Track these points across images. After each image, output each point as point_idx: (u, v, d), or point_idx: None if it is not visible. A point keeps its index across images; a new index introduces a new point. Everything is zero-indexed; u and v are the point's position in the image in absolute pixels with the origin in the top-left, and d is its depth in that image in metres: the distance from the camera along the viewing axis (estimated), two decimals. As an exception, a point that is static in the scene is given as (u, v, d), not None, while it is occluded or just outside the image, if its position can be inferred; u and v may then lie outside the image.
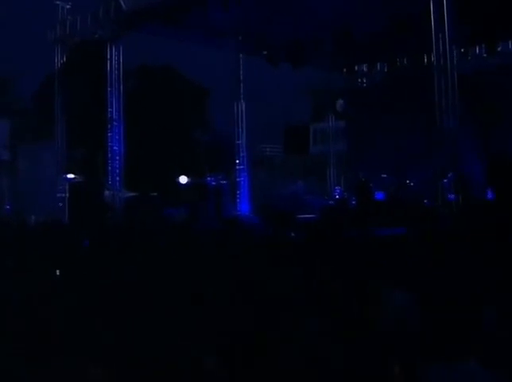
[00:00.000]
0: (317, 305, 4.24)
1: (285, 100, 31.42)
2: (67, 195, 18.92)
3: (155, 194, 20.21)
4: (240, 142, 21.70)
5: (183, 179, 23.60)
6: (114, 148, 18.03)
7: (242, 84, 22.73)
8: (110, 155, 18.03)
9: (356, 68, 24.23)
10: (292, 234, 10.07)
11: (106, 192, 18.07)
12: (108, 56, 17.77)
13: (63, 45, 18.90)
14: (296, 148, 31.88)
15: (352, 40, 19.74)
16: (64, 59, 18.86)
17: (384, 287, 4.35)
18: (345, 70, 24.34)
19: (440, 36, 12.54)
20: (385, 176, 19.57)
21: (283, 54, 21.69)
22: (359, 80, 24.55)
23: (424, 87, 21.01)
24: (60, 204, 19.18)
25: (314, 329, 3.88)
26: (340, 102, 26.43)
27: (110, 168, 18.03)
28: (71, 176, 19.79)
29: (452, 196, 16.78)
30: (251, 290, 5.45)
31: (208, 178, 20.03)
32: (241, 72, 22.69)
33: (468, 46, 20.45)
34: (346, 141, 25.19)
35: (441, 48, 12.66)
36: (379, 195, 19.51)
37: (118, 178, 18.00)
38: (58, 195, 19.01)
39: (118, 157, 18.05)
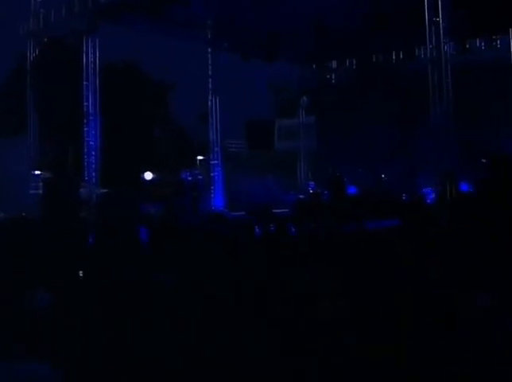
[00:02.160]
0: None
1: (253, 96, 31.36)
2: (41, 192, 18.40)
3: (128, 190, 19.85)
4: (213, 137, 21.49)
5: (148, 175, 23.28)
6: (91, 143, 17.62)
7: (210, 79, 22.47)
8: (86, 150, 17.60)
9: (326, 63, 24.35)
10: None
11: (82, 189, 17.65)
12: (84, 49, 17.32)
13: (35, 39, 18.38)
14: (260, 143, 31.95)
15: (324, 37, 19.83)
16: (37, 52, 18.34)
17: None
18: (314, 66, 24.44)
19: (433, 28, 12.69)
20: (360, 170, 19.77)
21: (255, 49, 21.64)
22: (328, 76, 24.68)
23: (395, 82, 21.43)
24: (29, 201, 18.66)
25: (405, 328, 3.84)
26: (304, 99, 26.55)
27: (86, 163, 17.60)
28: (39, 172, 19.26)
29: (429, 189, 17.06)
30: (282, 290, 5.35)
31: (185, 173, 19.80)
32: (209, 67, 22.41)
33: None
34: (315, 136, 25.29)
35: (434, 40, 12.81)
36: (352, 189, 19.72)
37: (94, 174, 17.61)
38: (31, 192, 18.49)
39: (93, 153, 17.65)
